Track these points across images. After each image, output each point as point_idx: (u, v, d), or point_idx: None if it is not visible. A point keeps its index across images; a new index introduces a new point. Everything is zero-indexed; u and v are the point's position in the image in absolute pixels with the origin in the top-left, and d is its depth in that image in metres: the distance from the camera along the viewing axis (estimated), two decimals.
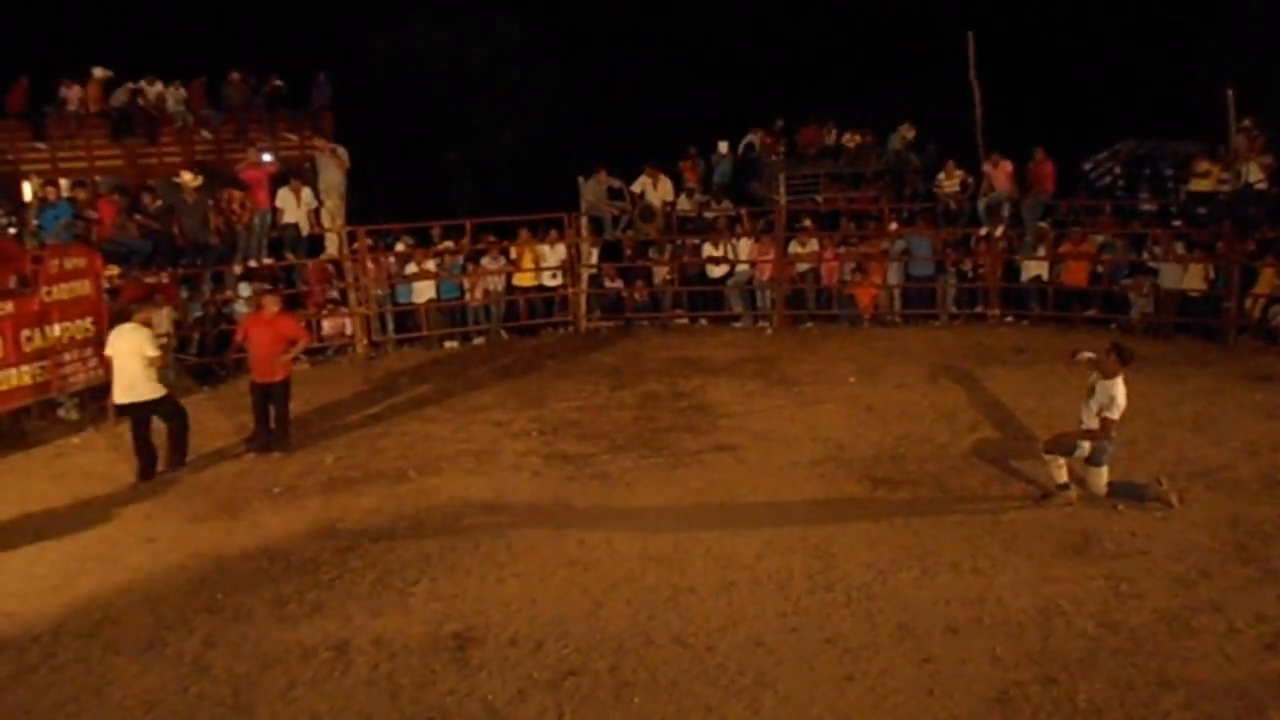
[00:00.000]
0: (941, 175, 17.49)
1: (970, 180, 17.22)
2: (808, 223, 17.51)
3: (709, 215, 18.15)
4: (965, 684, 6.11)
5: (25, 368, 11.20)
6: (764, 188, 18.84)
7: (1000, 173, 16.75)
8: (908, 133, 19.05)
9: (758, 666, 6.36)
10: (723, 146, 19.04)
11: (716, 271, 17.48)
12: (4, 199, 14.75)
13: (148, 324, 10.54)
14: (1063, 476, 8.85)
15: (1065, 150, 18.10)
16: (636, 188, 17.75)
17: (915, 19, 27.20)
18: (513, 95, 26.01)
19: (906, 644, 6.57)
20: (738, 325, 17.23)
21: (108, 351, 10.49)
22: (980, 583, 7.40)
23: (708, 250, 17.49)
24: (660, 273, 17.77)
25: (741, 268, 17.34)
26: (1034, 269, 16.62)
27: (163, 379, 10.60)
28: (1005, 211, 16.66)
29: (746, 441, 10.91)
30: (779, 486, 9.55)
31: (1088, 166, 21.28)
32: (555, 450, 10.83)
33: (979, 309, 16.81)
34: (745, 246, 17.32)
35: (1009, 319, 16.56)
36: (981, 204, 16.86)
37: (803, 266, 17.27)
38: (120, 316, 11.06)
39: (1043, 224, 16.70)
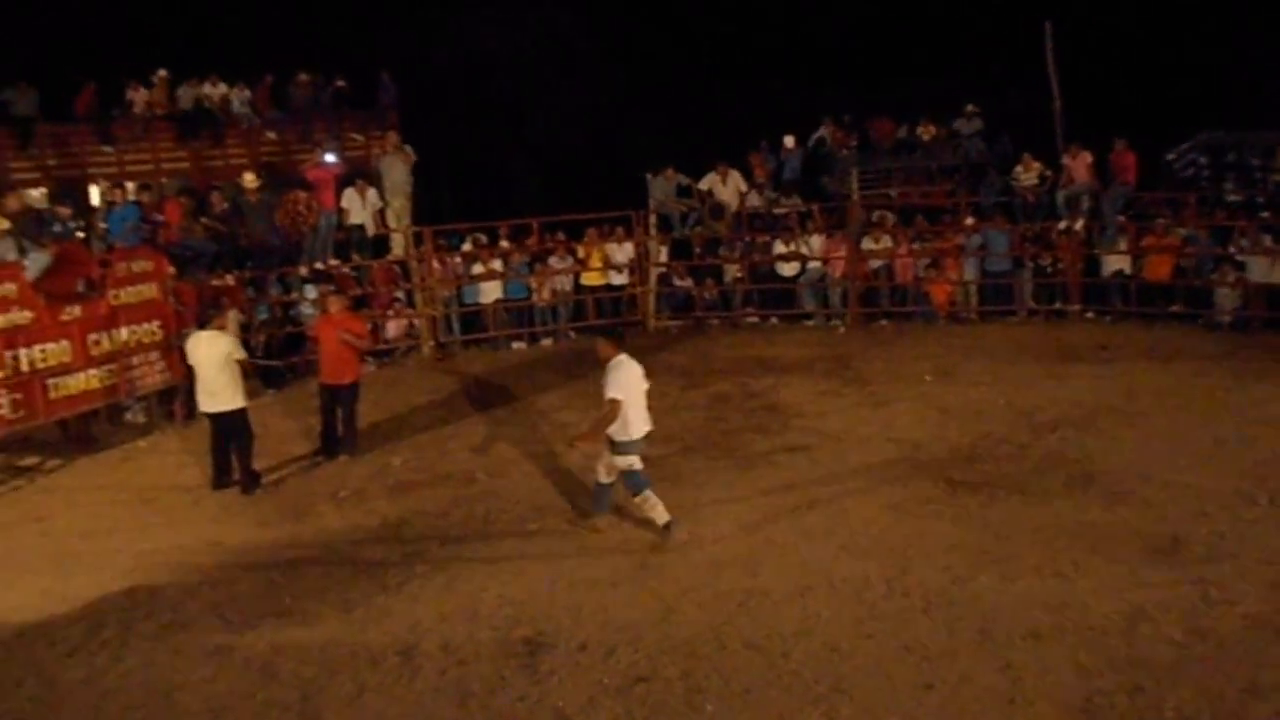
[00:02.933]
0: (1018, 168, 17.22)
1: (1049, 173, 16.94)
2: (888, 216, 17.31)
3: (779, 211, 18.06)
4: (1048, 692, 5.98)
5: (93, 371, 11.46)
6: (835, 183, 18.70)
7: (1080, 164, 16.45)
8: (972, 118, 18.79)
9: (833, 673, 6.29)
10: (789, 141, 18.94)
11: (787, 269, 17.40)
12: (72, 203, 15.12)
13: (224, 329, 10.69)
14: (663, 515, 8.36)
15: (1147, 140, 17.78)
16: (705, 185, 17.72)
17: (990, 7, 26.77)
18: (579, 93, 26.09)
19: (986, 651, 6.46)
20: (809, 323, 17.13)
21: (188, 360, 10.57)
22: (1063, 587, 7.25)
23: (778, 247, 17.41)
24: (730, 270, 17.74)
25: (813, 264, 17.24)
26: (1115, 263, 16.31)
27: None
28: (1085, 204, 16.36)
29: (819, 442, 10.83)
30: (853, 488, 9.45)
31: (1171, 157, 20.89)
32: None
33: (1058, 305, 16.53)
34: (817, 243, 17.21)
35: (1089, 315, 16.26)
36: (1061, 197, 16.57)
37: (876, 263, 17.11)
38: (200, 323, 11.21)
39: (1124, 217, 16.36)
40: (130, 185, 14.95)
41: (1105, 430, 10.70)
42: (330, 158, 16.34)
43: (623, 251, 17.33)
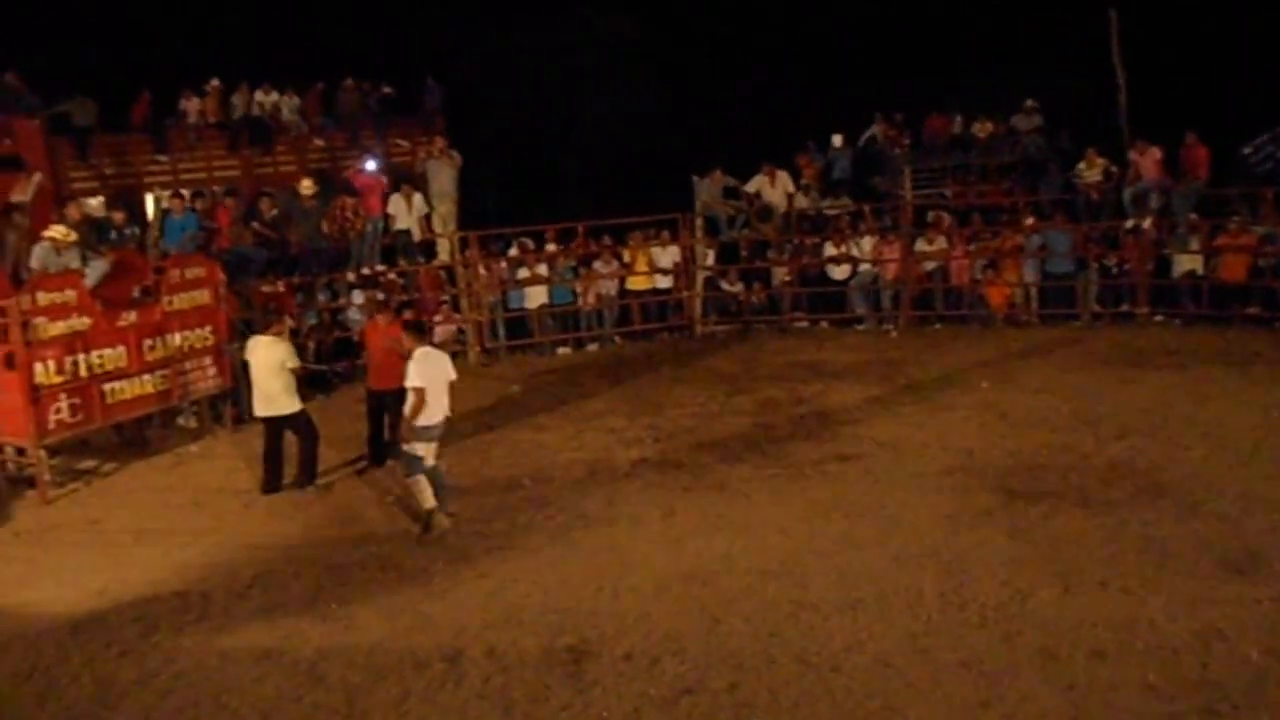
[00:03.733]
0: (1081, 164, 16.95)
1: (1114, 169, 16.64)
2: (944, 217, 17.11)
3: (829, 213, 17.93)
4: (1114, 714, 5.84)
5: (147, 376, 11.65)
6: (887, 182, 18.56)
7: (1148, 160, 16.14)
8: (1031, 113, 18.51)
9: (886, 689, 6.20)
10: (837, 139, 18.81)
11: (838, 272, 17.25)
12: (127, 211, 15.40)
13: (281, 334, 10.81)
14: (429, 500, 8.94)
15: (1220, 134, 17.33)
16: (753, 187, 17.64)
17: None
18: (625, 94, 26.12)
19: (1048, 669, 6.32)
20: (860, 328, 16.98)
21: (247, 355, 10.70)
22: (1131, 604, 7.08)
23: (828, 249, 17.28)
24: (779, 274, 17.64)
25: (864, 267, 17.08)
26: (1187, 264, 15.96)
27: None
28: (1154, 202, 16.04)
29: (871, 450, 10.71)
30: (906, 498, 9.33)
31: (1246, 151, 20.39)
32: (670, 459, 10.81)
33: (1125, 307, 16.21)
34: (868, 244, 17.06)
35: (1159, 318, 15.93)
36: (1127, 194, 16.26)
37: (930, 265, 16.92)
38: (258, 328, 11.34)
39: (1196, 215, 16.01)
40: (186, 193, 15.20)
41: (1175, 439, 10.47)
42: (371, 165, 16.49)
43: (669, 255, 17.29)
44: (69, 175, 18.08)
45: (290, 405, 10.31)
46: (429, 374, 8.93)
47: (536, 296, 16.57)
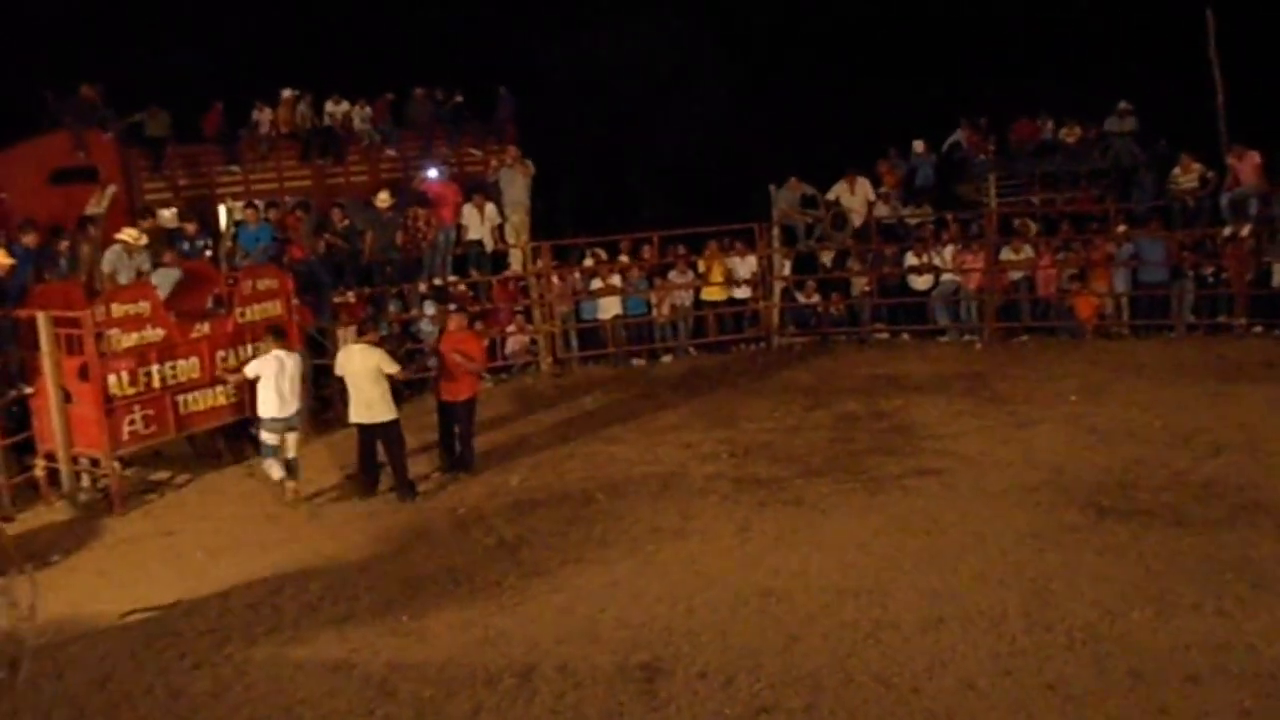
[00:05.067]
0: (1176, 170, 16.64)
1: (1211, 175, 16.30)
2: (1031, 225, 16.88)
3: (911, 221, 17.81)
4: None
5: (220, 388, 11.90)
6: (971, 190, 18.36)
7: (1247, 165, 15.78)
8: (1125, 116, 18.18)
9: (969, 712, 6.16)
10: (919, 145, 18.65)
11: (919, 282, 17.12)
12: (200, 221, 15.80)
13: (378, 344, 11.06)
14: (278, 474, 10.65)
15: None
16: (832, 194, 17.59)
17: None
18: (700, 102, 26.17)
19: (1139, 693, 6.24)
20: (943, 339, 16.83)
21: (338, 372, 11.04)
22: (1226, 627, 6.96)
23: (910, 259, 17.15)
24: (858, 284, 17.55)
25: (947, 277, 16.93)
26: None
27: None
28: (1252, 209, 15.68)
29: (954, 465, 10.64)
30: (991, 515, 9.25)
31: None
32: (746, 473, 10.83)
33: (1222, 318, 15.85)
34: (950, 254, 16.91)
35: (1258, 329, 15.56)
36: (1225, 201, 15.91)
37: (1015, 275, 16.72)
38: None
39: None
40: (260, 204, 15.54)
41: (1274, 456, 10.26)
42: (434, 173, 16.71)
43: (745, 265, 17.29)
44: (143, 187, 18.54)
45: (387, 413, 10.64)
46: (267, 370, 10.57)
47: (610, 307, 16.67)
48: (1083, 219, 17.47)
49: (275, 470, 10.72)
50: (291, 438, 10.81)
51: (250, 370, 10.76)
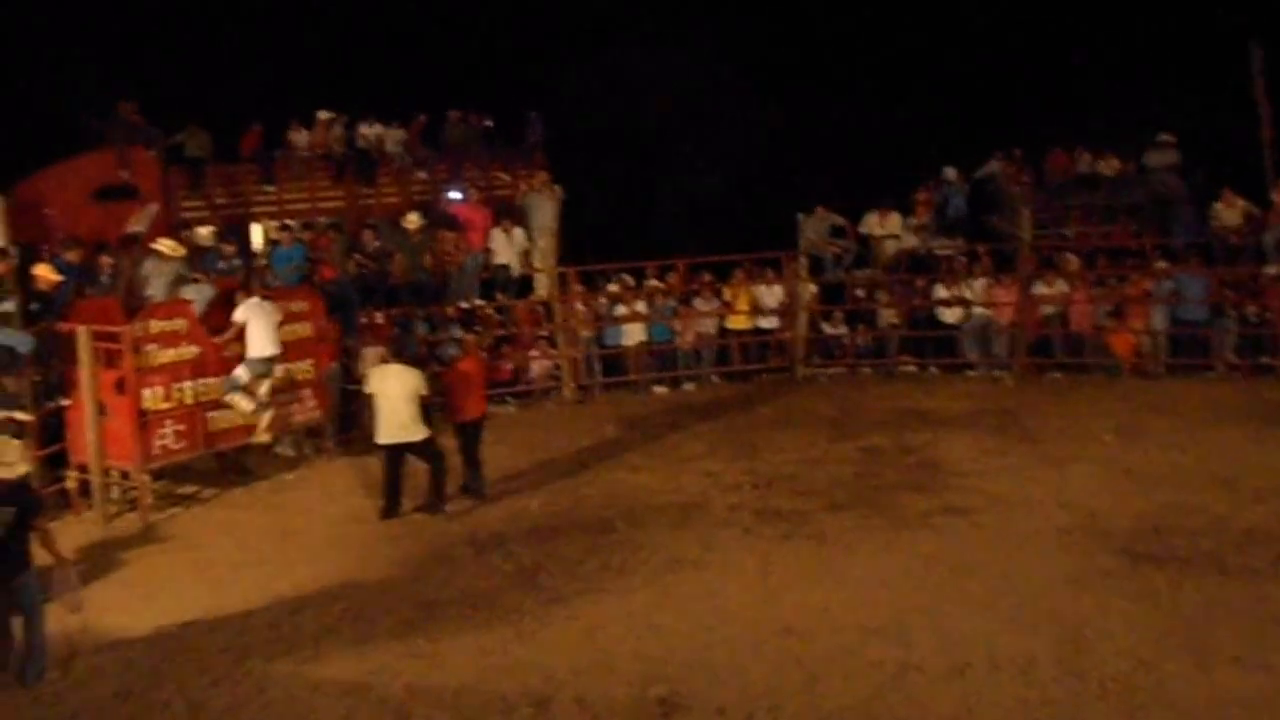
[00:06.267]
0: (1218, 205, 16.40)
1: (1255, 210, 16.05)
2: (1071, 259, 16.66)
3: (941, 253, 17.65)
4: None
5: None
6: (1004, 222, 18.17)
7: None
8: (1165, 149, 17.94)
9: None
10: (950, 173, 18.48)
11: (949, 315, 16.94)
12: (235, 240, 15.90)
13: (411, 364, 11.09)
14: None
15: None
16: (865, 225, 17.50)
17: (1183, 27, 25.61)
18: (728, 129, 26.19)
19: None
20: (972, 374, 16.62)
21: (369, 389, 11.01)
22: (1270, 682, 6.73)
23: (939, 291, 16.99)
24: (886, 316, 17.40)
25: (978, 310, 16.74)
26: None
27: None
28: None
29: (982, 504, 10.44)
30: (1021, 557, 9.04)
31: None
32: (769, 505, 10.69)
33: (1265, 359, 15.53)
34: (981, 287, 16.73)
35: None
36: (1270, 237, 15.62)
37: (1048, 309, 16.52)
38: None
39: None
40: (295, 224, 15.63)
41: None
42: (456, 195, 16.72)
43: (771, 294, 17.19)
44: (181, 205, 18.71)
45: (420, 432, 10.70)
46: (249, 313, 11.61)
47: (634, 334, 16.61)
48: (1119, 253, 17.25)
49: (245, 402, 11.62)
50: (266, 382, 11.79)
51: (238, 316, 11.63)
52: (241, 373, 11.55)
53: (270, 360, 11.74)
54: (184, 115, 19.16)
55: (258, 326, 11.61)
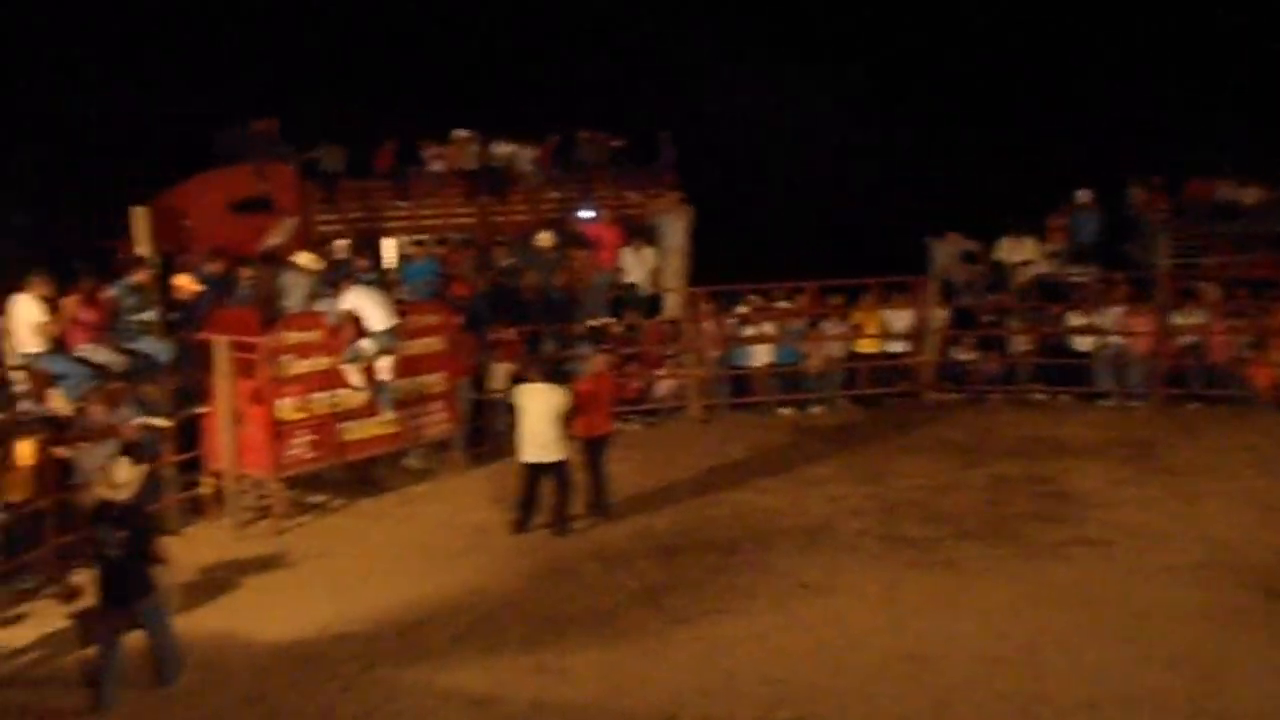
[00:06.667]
0: None
1: None
2: (1211, 289, 16.16)
3: (1076, 280, 17.28)
4: None
5: (378, 418, 12.23)
6: (1140, 250, 17.70)
7: None
8: None
9: None
10: (1084, 195, 18.05)
11: (1082, 343, 16.57)
12: (369, 255, 16.34)
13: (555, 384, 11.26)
14: None
15: None
16: (998, 251, 17.24)
17: None
18: (859, 151, 26.04)
19: None
20: (1105, 403, 16.20)
21: (512, 402, 11.27)
22: None
23: (1072, 319, 16.63)
24: (1017, 342, 17.10)
25: (1112, 338, 16.34)
26: None
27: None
28: None
29: (1116, 536, 10.23)
30: (1154, 591, 8.86)
31: None
32: (896, 531, 10.64)
33: None
34: (1116, 315, 16.33)
35: None
36: None
37: (1186, 339, 16.03)
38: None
39: None
40: (428, 239, 16.01)
41: None
42: (587, 214, 16.91)
43: (901, 318, 17.03)
44: (315, 219, 19.33)
45: (561, 452, 10.85)
46: (355, 299, 11.87)
47: (761, 355, 16.60)
48: (1261, 284, 16.66)
49: (356, 376, 11.86)
50: (389, 358, 12.01)
51: (346, 303, 11.86)
52: (366, 344, 11.78)
53: (393, 332, 11.91)
54: (320, 131, 19.85)
55: (369, 305, 11.82)
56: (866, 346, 16.99)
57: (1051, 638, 7.98)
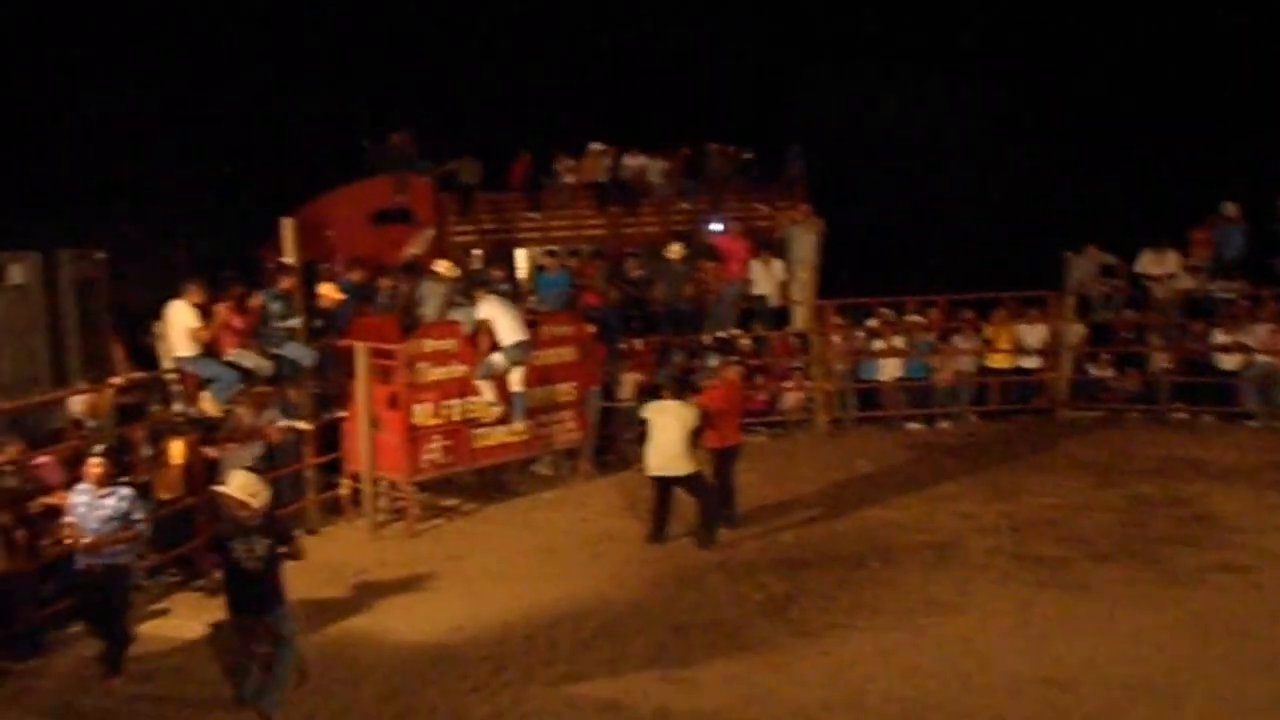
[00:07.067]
0: None
1: None
2: None
3: (1221, 296, 16.62)
4: None
5: (509, 426, 12.36)
6: None
7: None
8: None
9: None
10: (1230, 208, 17.33)
11: (1227, 361, 15.92)
12: (502, 265, 16.64)
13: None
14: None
15: None
16: (1138, 265, 16.72)
17: None
18: (993, 164, 25.57)
19: None
20: (1251, 424, 15.53)
21: (644, 415, 11.29)
22: None
23: (1217, 336, 16.00)
24: (1157, 360, 16.53)
25: (1260, 358, 15.66)
26: None
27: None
28: None
29: (1261, 563, 9.82)
30: None
31: None
32: (1027, 551, 10.39)
33: None
34: (1264, 333, 15.64)
35: None
36: None
37: None
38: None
39: None
40: (561, 251, 16.23)
41: None
42: (717, 226, 16.88)
43: (1034, 334, 16.62)
44: (451, 230, 19.80)
45: (689, 466, 10.82)
46: (490, 309, 11.97)
47: (890, 369, 16.39)
48: None
49: (489, 391, 11.97)
50: (519, 370, 12.04)
51: (483, 312, 11.98)
52: (499, 359, 11.88)
53: (524, 345, 11.97)
54: (459, 145, 20.34)
55: (504, 317, 11.89)
56: (998, 362, 16.63)
57: (1193, 666, 7.70)
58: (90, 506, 7.97)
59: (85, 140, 22.89)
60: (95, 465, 8.06)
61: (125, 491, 8.19)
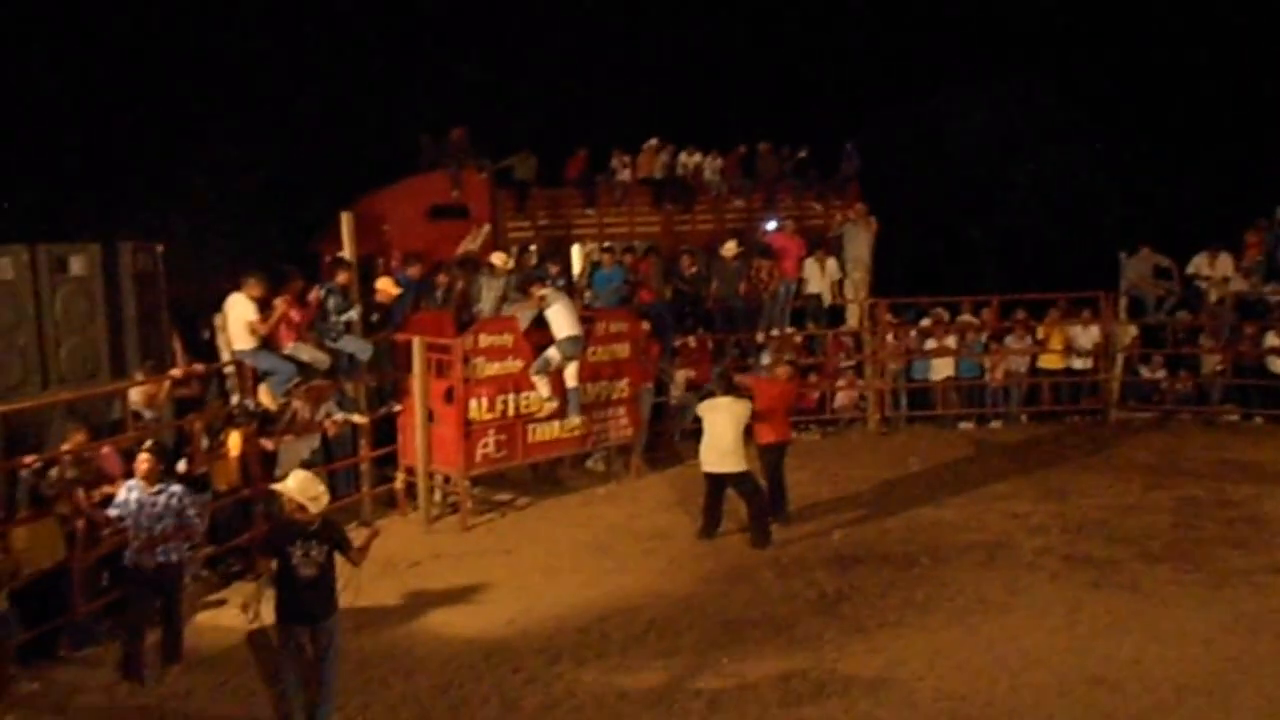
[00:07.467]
0: None
1: None
2: None
3: (1273, 298, 16.42)
4: None
5: (564, 421, 12.50)
6: None
7: None
8: None
9: None
10: None
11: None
12: (558, 261, 16.75)
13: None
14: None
15: None
16: (1191, 267, 16.55)
17: None
18: (1047, 165, 25.34)
19: None
20: None
21: (699, 412, 11.33)
22: None
23: (1270, 339, 15.82)
24: (1209, 362, 16.37)
25: None
26: None
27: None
28: None
29: None
30: None
31: None
32: (1078, 551, 10.38)
33: None
34: None
35: None
36: None
37: None
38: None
39: None
40: (617, 247, 16.32)
41: None
42: (771, 224, 16.89)
43: (1087, 335, 16.53)
44: (506, 225, 19.95)
45: (741, 464, 10.89)
46: (552, 301, 11.99)
47: (942, 368, 16.36)
48: None
49: (544, 387, 11.94)
50: (573, 365, 12.09)
51: (546, 309, 11.94)
52: (553, 353, 11.85)
53: (577, 340, 11.96)
54: (516, 141, 20.49)
55: (561, 310, 11.91)
56: (1050, 362, 16.57)
57: (1243, 667, 7.68)
58: (142, 505, 7.92)
59: (143, 133, 23.21)
60: (144, 460, 8.02)
61: (176, 488, 8.15)
